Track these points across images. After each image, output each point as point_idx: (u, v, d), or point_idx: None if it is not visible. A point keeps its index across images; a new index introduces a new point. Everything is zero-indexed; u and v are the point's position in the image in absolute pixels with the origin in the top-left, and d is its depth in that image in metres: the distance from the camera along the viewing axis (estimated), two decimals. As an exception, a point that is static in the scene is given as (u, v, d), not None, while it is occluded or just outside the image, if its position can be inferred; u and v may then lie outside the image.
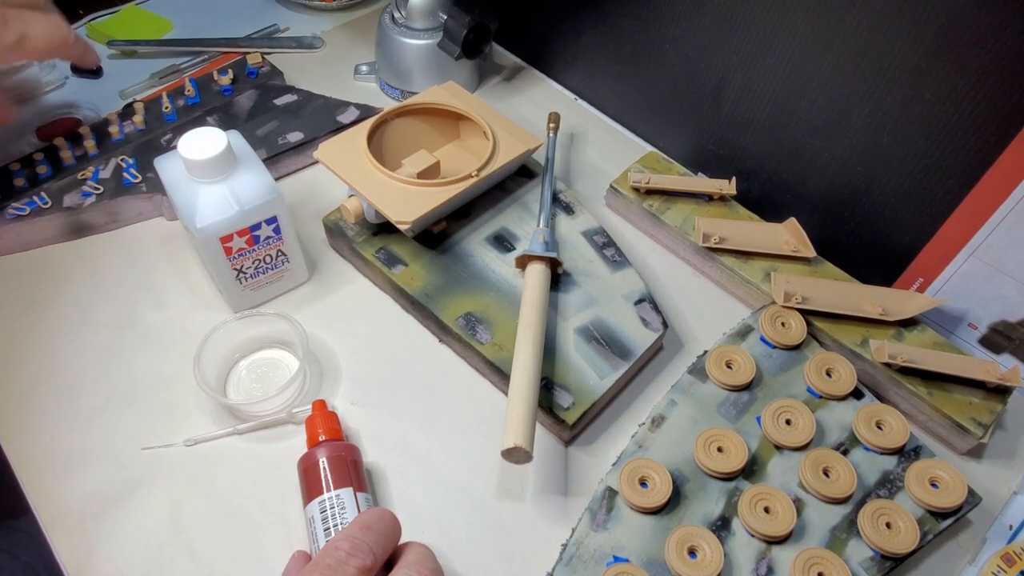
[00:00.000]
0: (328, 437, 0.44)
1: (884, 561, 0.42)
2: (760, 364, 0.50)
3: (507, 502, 0.46)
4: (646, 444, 0.46)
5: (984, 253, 0.50)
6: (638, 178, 0.59)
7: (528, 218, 0.57)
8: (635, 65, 0.65)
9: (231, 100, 0.66)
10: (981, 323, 0.53)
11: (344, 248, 0.57)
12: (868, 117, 0.50)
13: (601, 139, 0.69)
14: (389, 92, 0.71)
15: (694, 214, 0.58)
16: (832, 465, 0.45)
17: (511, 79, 0.75)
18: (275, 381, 0.50)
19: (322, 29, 0.78)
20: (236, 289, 0.52)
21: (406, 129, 0.59)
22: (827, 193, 0.56)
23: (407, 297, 0.53)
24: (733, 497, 0.44)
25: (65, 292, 0.55)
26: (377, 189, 0.52)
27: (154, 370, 0.51)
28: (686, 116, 0.63)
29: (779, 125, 0.56)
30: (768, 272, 0.54)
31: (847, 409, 0.48)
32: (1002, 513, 0.47)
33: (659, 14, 0.59)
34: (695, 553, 0.42)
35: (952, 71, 0.45)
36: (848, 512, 0.44)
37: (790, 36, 0.52)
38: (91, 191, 0.57)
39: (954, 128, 0.47)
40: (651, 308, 0.52)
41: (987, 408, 0.48)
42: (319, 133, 0.63)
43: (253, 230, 0.49)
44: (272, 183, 0.49)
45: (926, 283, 0.54)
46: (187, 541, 0.44)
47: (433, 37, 0.66)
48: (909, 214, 0.52)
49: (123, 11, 0.79)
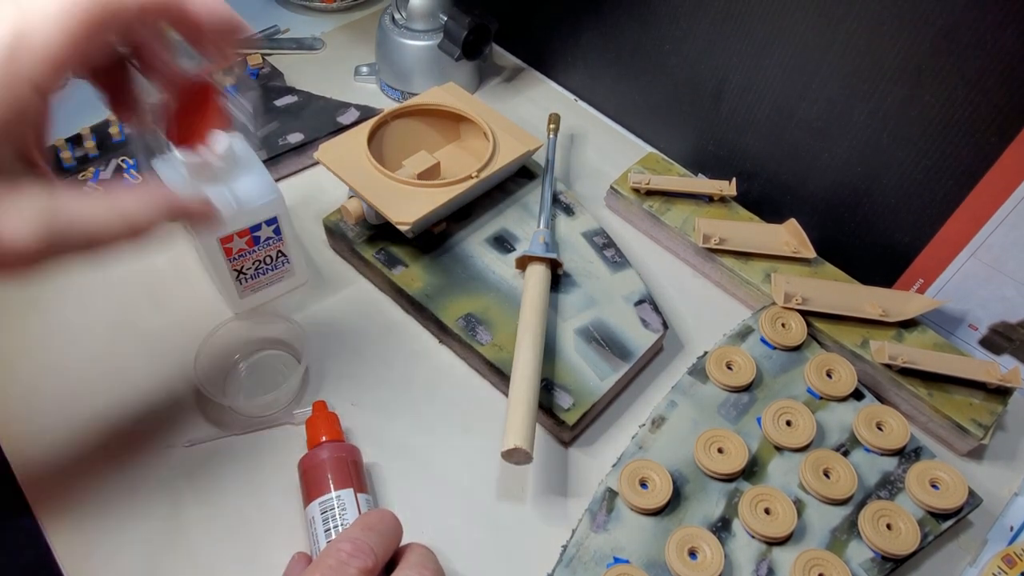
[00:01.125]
0: (329, 438, 0.44)
1: (885, 562, 0.42)
2: (760, 365, 0.50)
3: (507, 503, 0.46)
4: (646, 445, 0.46)
5: (984, 254, 0.50)
6: (638, 179, 0.59)
7: (528, 219, 0.57)
8: (635, 66, 0.65)
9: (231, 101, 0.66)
10: (981, 324, 0.53)
11: (344, 249, 0.57)
12: (868, 118, 0.50)
13: (601, 140, 0.69)
14: (389, 93, 0.71)
15: (694, 215, 0.58)
16: (832, 466, 0.45)
17: (511, 80, 0.75)
18: (275, 382, 0.50)
19: (322, 30, 0.78)
20: (236, 290, 0.52)
21: (406, 130, 0.59)
22: (827, 194, 0.56)
23: (407, 298, 0.53)
24: (733, 498, 0.44)
25: (65, 293, 0.55)
26: (377, 190, 0.52)
27: (154, 371, 0.51)
28: (686, 117, 0.64)
29: (779, 126, 0.56)
30: (768, 273, 0.54)
31: (847, 410, 0.48)
32: (1003, 514, 0.47)
33: (659, 15, 0.59)
34: (695, 554, 0.42)
35: (952, 72, 0.45)
36: (849, 513, 0.44)
37: (790, 37, 0.52)
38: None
39: (954, 129, 0.47)
40: (651, 309, 0.52)
41: (987, 409, 0.48)
42: (319, 134, 0.63)
43: (253, 231, 0.49)
44: (272, 184, 0.49)
45: (926, 284, 0.54)
46: (187, 542, 0.44)
47: (433, 38, 0.66)
48: (909, 215, 0.52)
49: (123, 12, 0.79)
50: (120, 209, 0.31)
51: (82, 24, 0.28)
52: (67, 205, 0.29)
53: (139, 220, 0.32)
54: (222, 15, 0.32)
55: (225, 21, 0.32)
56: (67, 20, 0.27)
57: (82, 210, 0.30)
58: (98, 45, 0.29)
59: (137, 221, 0.32)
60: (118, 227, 0.31)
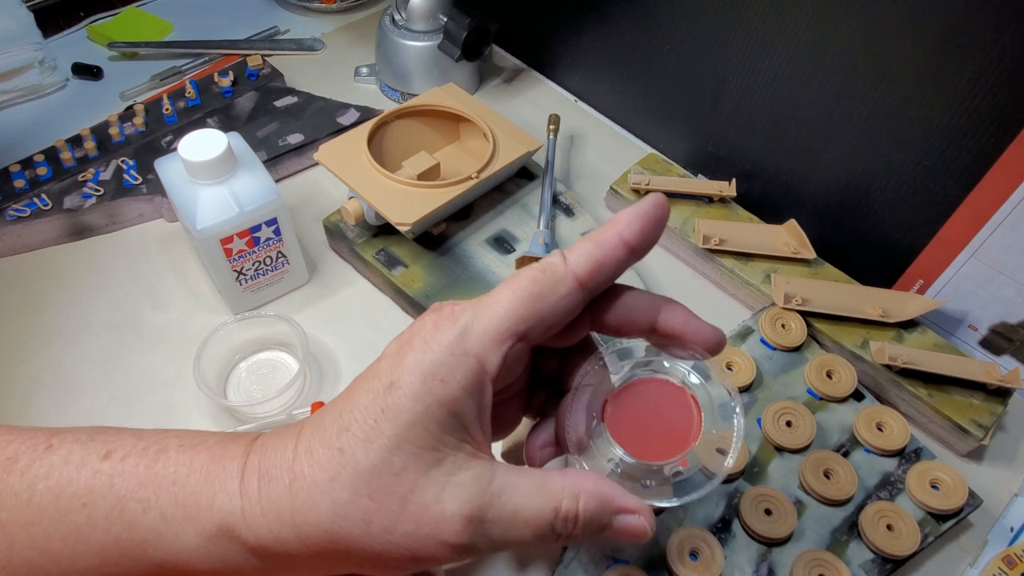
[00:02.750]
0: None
1: (885, 563, 0.42)
2: (760, 366, 0.50)
3: (507, 504, 0.46)
4: (646, 446, 0.46)
5: (984, 255, 0.50)
6: (638, 180, 0.59)
7: (528, 220, 0.57)
8: (635, 67, 0.65)
9: (231, 102, 0.66)
10: (981, 325, 0.53)
11: (344, 250, 0.57)
12: (868, 118, 0.50)
13: (601, 141, 0.69)
14: (389, 94, 0.71)
15: (694, 216, 0.58)
16: (833, 467, 0.45)
17: (511, 81, 0.75)
18: (275, 383, 0.50)
19: (322, 31, 0.78)
20: (236, 291, 0.52)
21: (406, 131, 0.59)
22: (827, 195, 0.56)
23: (407, 299, 0.53)
24: (734, 499, 0.44)
25: (65, 294, 0.55)
26: (377, 191, 0.52)
27: (154, 372, 0.51)
28: (686, 118, 0.64)
29: (779, 127, 0.56)
30: (768, 274, 0.54)
31: (847, 411, 0.48)
32: (1003, 515, 0.47)
33: (659, 16, 0.59)
34: (696, 555, 0.42)
35: (952, 72, 0.45)
36: (849, 514, 0.44)
37: (789, 38, 0.52)
38: (91, 193, 0.57)
39: (954, 129, 0.47)
40: (651, 310, 0.52)
41: (987, 410, 0.48)
42: (319, 135, 0.63)
43: (253, 232, 0.49)
44: (272, 185, 0.49)
45: (926, 285, 0.54)
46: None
47: (433, 39, 0.66)
48: (909, 215, 0.52)
49: (124, 13, 0.79)
50: (554, 503, 0.28)
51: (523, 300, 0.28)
52: (503, 489, 0.27)
53: (580, 527, 0.28)
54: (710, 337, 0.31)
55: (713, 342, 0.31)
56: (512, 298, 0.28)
57: (515, 497, 0.27)
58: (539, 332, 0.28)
59: (576, 528, 0.28)
60: (547, 531, 0.28)
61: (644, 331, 0.31)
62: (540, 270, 0.28)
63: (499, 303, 0.27)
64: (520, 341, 0.28)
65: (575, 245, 0.28)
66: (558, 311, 0.28)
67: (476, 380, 0.27)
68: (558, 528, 0.28)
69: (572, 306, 0.28)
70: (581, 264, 0.28)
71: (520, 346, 0.28)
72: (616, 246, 0.28)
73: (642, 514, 0.29)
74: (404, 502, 0.26)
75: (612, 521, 0.28)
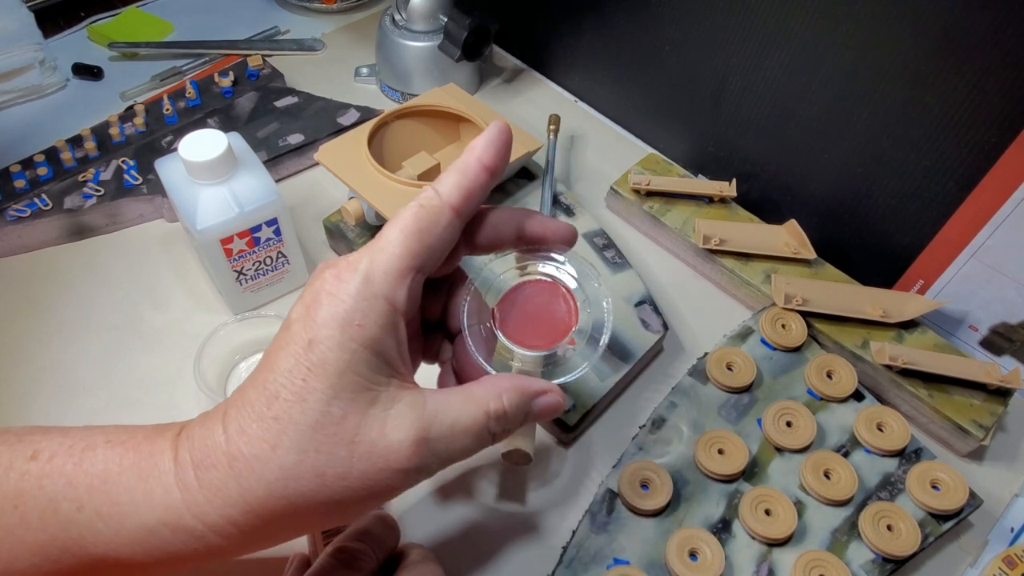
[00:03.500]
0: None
1: (885, 563, 0.42)
2: (760, 366, 0.50)
3: (507, 504, 0.46)
4: (646, 446, 0.46)
5: (985, 255, 0.49)
6: (638, 180, 0.59)
7: (528, 220, 0.57)
8: (635, 67, 0.65)
9: (232, 102, 0.66)
10: (982, 325, 0.53)
11: (344, 250, 0.57)
12: (868, 119, 0.50)
13: (601, 141, 0.69)
14: (389, 94, 0.71)
15: (694, 216, 0.58)
16: (833, 467, 0.45)
17: (511, 81, 0.75)
18: (275, 383, 0.50)
19: (323, 31, 0.78)
20: (236, 291, 0.52)
21: (406, 131, 0.59)
22: (827, 195, 0.56)
23: (407, 299, 0.53)
24: (734, 499, 0.44)
25: (65, 294, 0.55)
26: (377, 191, 0.52)
27: (154, 372, 0.51)
28: (686, 118, 0.64)
29: (779, 127, 0.56)
30: (768, 274, 0.54)
31: (848, 411, 0.48)
32: (1003, 515, 0.47)
33: (659, 16, 0.59)
34: (696, 555, 0.42)
35: (952, 73, 0.45)
36: (849, 514, 0.44)
37: (789, 38, 0.52)
38: (92, 193, 0.57)
39: (954, 130, 0.47)
40: (651, 310, 0.52)
41: (988, 410, 0.48)
42: (319, 135, 0.63)
43: (253, 232, 0.49)
44: (272, 185, 0.49)
45: (926, 285, 0.54)
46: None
47: (434, 39, 0.66)
48: (909, 216, 0.52)
49: (124, 13, 0.79)
50: (483, 407, 0.31)
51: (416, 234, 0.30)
52: (436, 409, 0.30)
53: (510, 421, 0.31)
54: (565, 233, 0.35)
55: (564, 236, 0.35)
56: (404, 235, 0.30)
57: (449, 412, 0.30)
58: (432, 256, 0.31)
59: (507, 423, 0.31)
60: (484, 434, 0.31)
61: (512, 242, 0.35)
62: (419, 205, 0.30)
63: (391, 243, 0.29)
64: (418, 273, 0.30)
65: (443, 177, 0.31)
66: (444, 240, 0.30)
67: (390, 318, 0.29)
68: (492, 428, 0.31)
69: (453, 233, 0.31)
70: (454, 194, 0.31)
71: (419, 278, 0.30)
72: (479, 172, 0.31)
73: (554, 391, 0.33)
74: (352, 445, 0.28)
75: (532, 406, 0.32)
